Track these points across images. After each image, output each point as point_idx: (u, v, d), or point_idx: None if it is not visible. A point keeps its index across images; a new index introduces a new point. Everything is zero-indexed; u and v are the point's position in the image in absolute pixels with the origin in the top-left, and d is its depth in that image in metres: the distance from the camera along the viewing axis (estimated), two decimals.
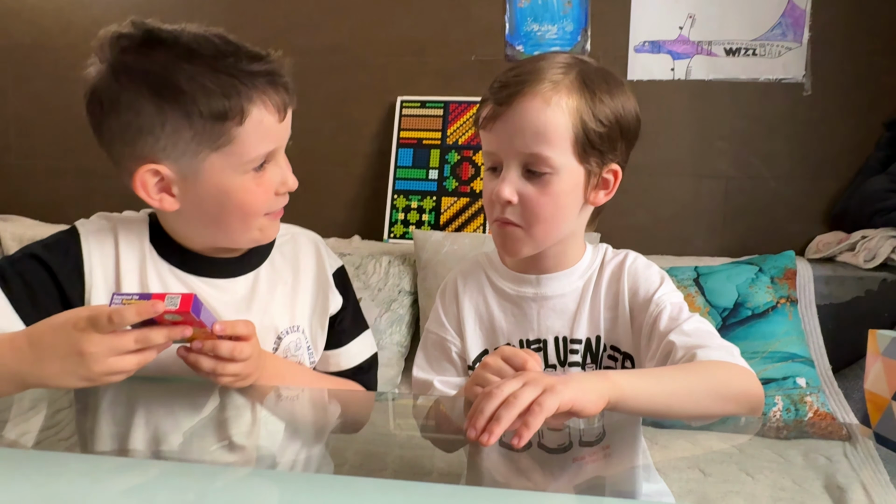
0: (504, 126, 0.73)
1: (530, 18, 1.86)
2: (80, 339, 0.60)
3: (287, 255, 0.86)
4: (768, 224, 1.81)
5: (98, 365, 0.60)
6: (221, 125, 0.70)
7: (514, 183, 0.73)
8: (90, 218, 0.82)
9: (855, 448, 0.69)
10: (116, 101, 0.70)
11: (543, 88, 0.71)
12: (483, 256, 0.87)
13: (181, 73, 0.69)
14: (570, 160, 0.73)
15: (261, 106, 0.72)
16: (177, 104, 0.69)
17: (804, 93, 1.76)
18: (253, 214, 0.76)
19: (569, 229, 0.78)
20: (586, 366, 0.80)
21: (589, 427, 0.69)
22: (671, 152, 1.82)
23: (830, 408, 1.38)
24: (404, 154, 1.88)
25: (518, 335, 0.81)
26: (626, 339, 0.79)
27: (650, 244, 1.76)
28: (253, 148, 0.72)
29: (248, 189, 0.74)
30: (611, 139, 0.74)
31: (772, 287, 1.50)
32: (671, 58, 1.81)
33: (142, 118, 0.69)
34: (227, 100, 0.69)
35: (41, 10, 2.10)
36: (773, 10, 1.75)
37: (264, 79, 0.72)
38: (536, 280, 0.81)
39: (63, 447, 0.68)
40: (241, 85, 0.70)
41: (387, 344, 1.60)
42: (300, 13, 1.96)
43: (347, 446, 0.73)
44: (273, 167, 0.76)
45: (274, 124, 0.74)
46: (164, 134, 0.70)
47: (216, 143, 0.71)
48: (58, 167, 2.09)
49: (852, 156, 1.76)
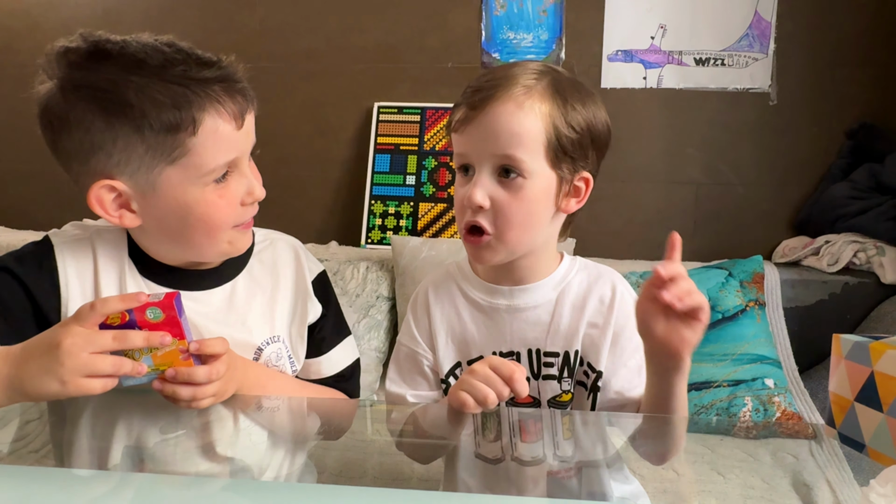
0: (477, 129, 0.73)
1: (506, 26, 1.88)
2: (59, 332, 0.60)
3: (266, 263, 0.84)
4: (737, 229, 1.85)
5: (72, 359, 0.59)
6: (174, 137, 0.67)
7: (486, 187, 0.72)
8: (63, 228, 0.79)
9: (820, 447, 0.71)
10: (66, 120, 0.68)
11: (517, 93, 0.72)
12: (454, 266, 0.86)
13: (129, 85, 0.66)
14: (543, 165, 0.73)
15: (214, 114, 0.69)
16: (126, 118, 0.67)
17: (770, 102, 1.82)
18: (218, 228, 0.73)
19: (541, 238, 0.78)
20: (562, 380, 0.79)
21: (563, 441, 0.70)
22: (644, 159, 1.86)
23: (797, 407, 1.42)
24: (381, 160, 1.89)
25: (491, 347, 0.80)
26: (601, 358, 0.78)
27: (623, 249, 1.80)
28: (210, 158, 0.70)
29: (209, 202, 0.71)
30: (582, 146, 0.74)
31: (741, 291, 1.55)
32: (643, 67, 1.85)
33: (92, 134, 0.67)
34: (178, 110, 0.67)
35: (8, 11, 2.05)
36: (740, 22, 1.81)
37: (218, 85, 0.69)
38: (509, 291, 0.80)
39: (33, 459, 0.67)
40: (192, 94, 0.67)
41: (365, 350, 1.60)
42: (276, 19, 1.96)
43: (326, 454, 0.73)
44: (237, 177, 0.73)
45: (231, 132, 0.70)
46: (117, 149, 0.68)
47: (171, 155, 0.68)
48: (25, 171, 2.04)
49: (816, 163, 1.81)
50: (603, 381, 0.78)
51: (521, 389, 0.66)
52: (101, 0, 2.01)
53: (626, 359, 0.78)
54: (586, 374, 0.79)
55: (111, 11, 2.00)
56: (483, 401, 0.66)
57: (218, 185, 0.72)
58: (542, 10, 1.87)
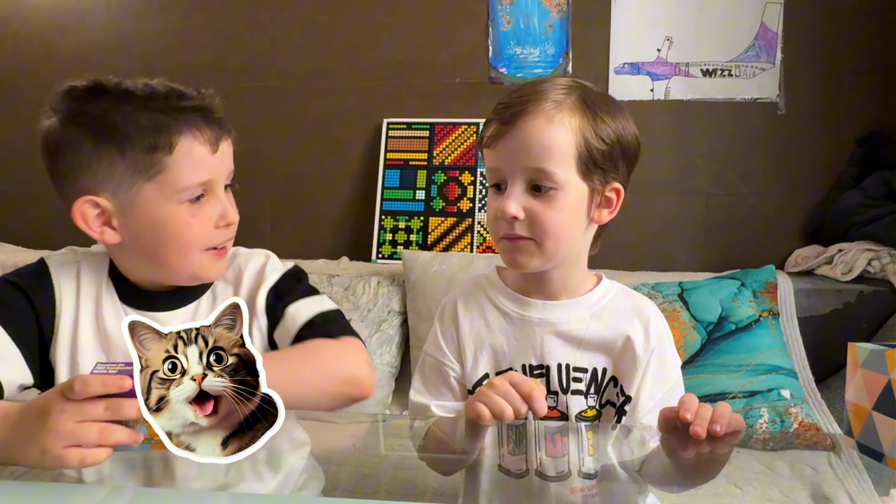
0: (509, 144, 0.75)
1: (513, 42, 1.90)
2: (50, 401, 0.57)
3: (229, 280, 0.84)
4: (748, 239, 1.85)
5: (59, 426, 0.55)
6: (152, 156, 0.74)
7: (518, 199, 0.74)
8: (58, 251, 0.85)
9: (839, 458, 0.70)
10: (61, 143, 0.75)
11: (547, 107, 0.74)
12: (483, 277, 0.86)
13: (117, 113, 0.74)
14: (574, 177, 0.74)
15: (190, 137, 0.75)
16: (112, 140, 0.74)
17: (778, 111, 1.82)
18: (189, 247, 0.78)
19: (574, 249, 0.79)
20: (588, 395, 0.79)
21: (588, 457, 0.69)
22: (653, 170, 1.86)
23: (814, 418, 1.40)
24: (391, 175, 1.90)
25: (521, 359, 0.80)
26: (633, 385, 0.78)
27: (635, 260, 1.79)
28: (185, 177, 0.75)
29: (182, 220, 0.76)
30: (612, 158, 0.76)
31: (754, 301, 1.54)
32: (650, 79, 1.86)
33: (81, 155, 0.74)
34: (158, 133, 0.74)
35: (25, 35, 2.10)
36: (746, 33, 1.81)
37: (195, 113, 0.76)
38: (542, 305, 0.80)
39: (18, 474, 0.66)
40: (172, 119, 0.75)
41: (377, 364, 1.60)
42: (286, 38, 1.99)
43: (340, 469, 0.73)
44: (211, 200, 0.78)
45: (206, 155, 0.76)
46: (101, 168, 0.74)
47: (149, 172, 0.74)
48: (40, 192, 2.07)
49: (826, 172, 1.81)
50: (630, 406, 0.78)
51: (539, 408, 0.66)
52: (116, 24, 2.05)
53: (654, 391, 0.78)
54: (617, 396, 0.79)
55: (126, 35, 2.04)
56: (499, 415, 0.66)
57: (192, 205, 0.77)
58: (548, 24, 1.89)
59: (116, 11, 2.04)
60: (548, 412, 0.75)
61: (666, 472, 0.69)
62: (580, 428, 0.78)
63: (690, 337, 1.48)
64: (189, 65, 2.01)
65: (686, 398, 0.64)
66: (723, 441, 0.62)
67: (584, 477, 0.67)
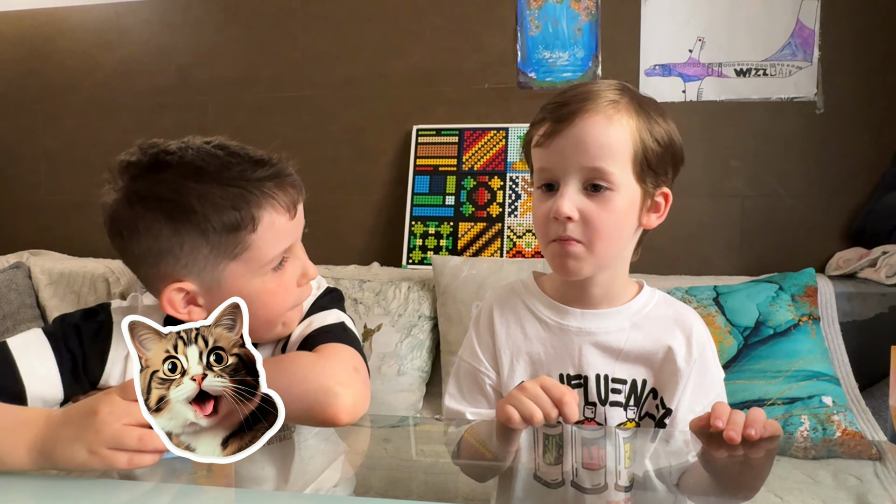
0: (565, 142, 0.73)
1: (541, 46, 1.90)
2: (99, 400, 0.58)
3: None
4: (786, 241, 1.80)
5: (106, 427, 0.56)
6: (236, 235, 0.72)
7: (573, 199, 0.72)
8: (126, 301, 0.84)
9: (885, 467, 0.68)
10: (135, 229, 0.73)
11: (604, 106, 0.73)
12: (519, 283, 0.84)
13: (191, 192, 0.71)
14: (629, 178, 0.73)
15: (270, 210, 0.73)
16: (191, 224, 0.71)
17: (817, 111, 1.77)
18: (277, 315, 0.77)
19: (623, 253, 0.77)
20: (628, 407, 0.78)
21: (625, 470, 0.68)
22: (687, 173, 1.80)
23: (859, 426, 1.35)
24: (421, 181, 1.91)
25: (558, 368, 0.79)
26: (674, 398, 0.76)
27: (669, 264, 1.76)
28: (270, 250, 0.74)
29: (269, 291, 0.75)
30: (664, 161, 0.75)
31: (793, 305, 1.49)
32: (682, 80, 1.83)
33: (161, 241, 0.72)
34: (238, 211, 0.72)
35: (70, 52, 2.18)
36: (781, 31, 1.77)
37: (271, 182, 0.74)
38: (581, 314, 0.79)
39: None
40: (250, 194, 0.72)
41: (408, 369, 1.60)
42: (317, 48, 2.02)
43: (371, 473, 0.73)
44: (291, 261, 0.77)
45: (286, 223, 0.75)
46: (184, 253, 0.72)
47: (233, 252, 0.73)
48: (84, 202, 2.15)
49: (868, 171, 1.75)
50: (670, 419, 0.77)
51: (570, 414, 0.65)
52: (155, 38, 2.12)
53: (695, 404, 0.76)
54: (657, 409, 0.78)
55: (164, 49, 2.11)
56: (529, 418, 0.66)
57: (276, 272, 0.76)
58: (577, 28, 1.88)
59: (156, 26, 2.11)
60: (585, 422, 0.75)
61: (705, 487, 0.67)
62: (618, 440, 0.76)
63: (726, 342, 1.44)
64: (224, 77, 2.06)
65: (717, 406, 0.62)
66: (758, 446, 0.60)
67: (621, 490, 0.66)
